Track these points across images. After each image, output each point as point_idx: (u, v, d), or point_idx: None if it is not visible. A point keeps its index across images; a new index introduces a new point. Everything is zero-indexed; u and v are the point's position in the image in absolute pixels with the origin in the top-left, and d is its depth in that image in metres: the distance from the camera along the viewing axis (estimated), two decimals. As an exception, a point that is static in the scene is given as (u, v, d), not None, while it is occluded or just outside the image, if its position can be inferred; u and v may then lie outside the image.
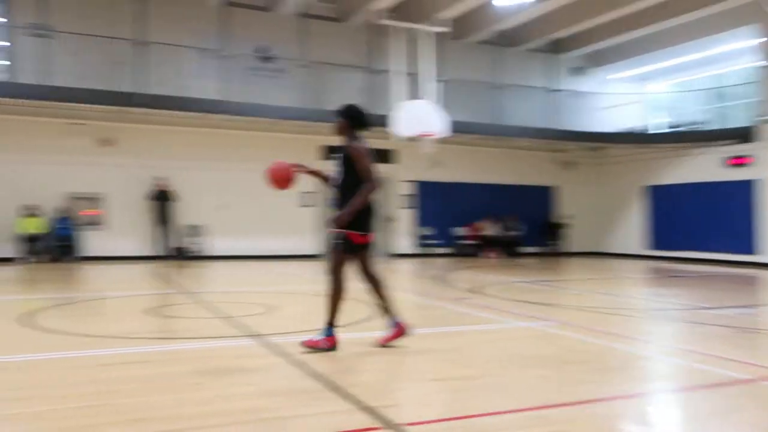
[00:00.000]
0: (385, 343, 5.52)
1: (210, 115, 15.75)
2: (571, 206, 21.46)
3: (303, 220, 18.00)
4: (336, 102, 6.13)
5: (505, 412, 3.76)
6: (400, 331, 5.53)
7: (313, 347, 5.33)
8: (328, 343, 5.36)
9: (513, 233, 20.25)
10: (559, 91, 20.75)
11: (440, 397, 4.28)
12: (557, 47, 21.14)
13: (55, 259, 15.33)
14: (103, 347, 5.61)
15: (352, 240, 5.32)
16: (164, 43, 15.30)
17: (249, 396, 4.09)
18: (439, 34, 16.60)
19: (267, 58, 17.16)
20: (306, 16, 16.49)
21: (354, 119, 5.47)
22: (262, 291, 10.18)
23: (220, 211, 16.96)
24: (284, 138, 17.46)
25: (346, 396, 4.02)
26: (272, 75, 17.16)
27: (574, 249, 21.13)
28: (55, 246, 15.39)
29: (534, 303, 8.72)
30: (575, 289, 11.64)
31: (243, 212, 17.20)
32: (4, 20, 15.41)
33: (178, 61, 16.04)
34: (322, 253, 18.26)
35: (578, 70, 21.90)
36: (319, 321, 5.57)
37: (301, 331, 6.76)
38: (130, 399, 3.98)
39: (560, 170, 21.74)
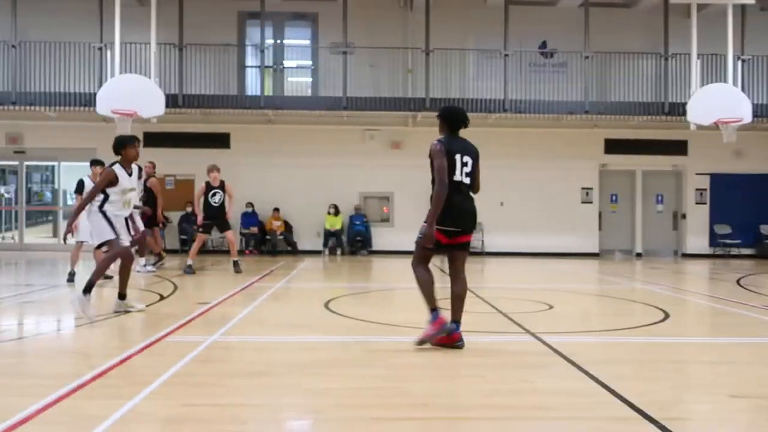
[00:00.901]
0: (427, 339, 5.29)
1: (490, 115, 16.07)
2: None
3: (583, 217, 17.43)
4: (623, 93, 5.80)
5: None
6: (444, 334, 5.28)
7: (428, 338, 5.27)
8: (436, 327, 5.25)
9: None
10: None
11: (740, 416, 3.81)
12: None
13: (351, 253, 17.05)
14: (392, 334, 6.10)
15: (438, 239, 5.30)
16: (448, 49, 16.02)
17: (530, 392, 4.10)
18: (745, 7, 14.77)
19: (549, 54, 16.93)
20: (591, 5, 15.85)
21: (446, 119, 5.54)
22: (541, 288, 10.09)
23: (498, 209, 17.22)
24: (568, 133, 17.11)
25: (630, 403, 3.80)
26: (554, 70, 16.88)
27: None
28: (351, 241, 17.11)
29: None
30: None
31: (521, 209, 17.23)
32: (308, 42, 17.58)
33: (462, 64, 16.69)
34: (604, 251, 17.51)
35: None
36: (600, 321, 5.33)
37: (581, 331, 6.56)
38: (417, 384, 4.26)
39: None
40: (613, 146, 17.51)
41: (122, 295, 7.00)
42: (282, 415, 3.73)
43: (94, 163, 10.08)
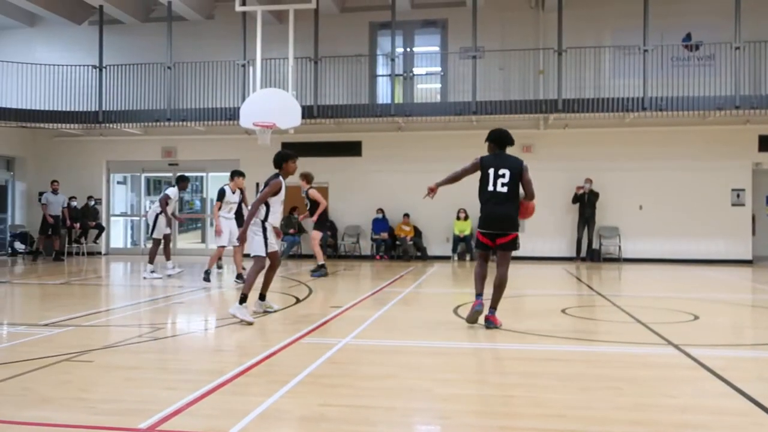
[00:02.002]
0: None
1: (628, 114, 15.31)
2: None
3: (734, 221, 16.12)
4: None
5: None
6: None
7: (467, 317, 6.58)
8: (471, 307, 6.50)
9: None
10: None
11: None
12: None
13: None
14: (523, 342, 5.96)
15: (482, 241, 6.61)
16: (582, 47, 15.47)
17: (672, 409, 3.86)
18: None
19: (694, 46, 15.86)
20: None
21: (491, 139, 7.04)
22: (686, 297, 9.45)
23: (636, 213, 16.36)
24: (716, 131, 15.95)
25: (791, 426, 3.47)
26: (700, 63, 15.78)
27: None
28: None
29: None
30: None
31: (662, 213, 16.25)
32: (437, 49, 17.66)
33: (596, 62, 16.08)
34: (759, 258, 16.09)
35: None
36: (754, 335, 4.92)
37: (731, 345, 6.11)
38: (549, 394, 4.14)
39: None
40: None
41: (263, 296, 7.41)
42: (411, 418, 3.77)
43: (237, 174, 10.79)
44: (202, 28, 17.82)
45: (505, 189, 6.39)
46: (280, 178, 7.06)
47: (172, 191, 11.72)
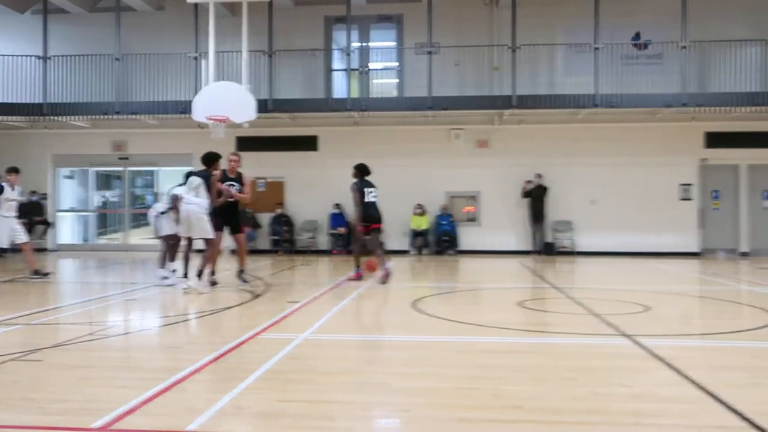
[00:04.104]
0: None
1: (580, 111, 15.61)
2: None
3: (682, 215, 16.60)
4: (724, 84, 5.47)
5: None
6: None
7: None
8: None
9: None
10: None
11: None
12: None
13: (438, 252, 16.99)
14: (481, 335, 6.02)
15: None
16: (535, 44, 15.67)
17: (626, 397, 3.95)
18: None
19: (643, 45, 16.25)
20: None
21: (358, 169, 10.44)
22: (636, 290, 9.69)
23: (589, 207, 16.70)
24: (665, 127, 16.37)
25: (738, 412, 3.58)
26: (649, 62, 16.18)
27: None
28: (438, 240, 17.04)
29: None
30: None
31: (614, 207, 16.63)
32: (393, 44, 17.67)
33: (549, 60, 16.34)
34: (706, 251, 16.62)
35: None
36: (703, 325, 5.07)
37: (681, 335, 6.29)
38: (508, 386, 4.18)
39: None
40: (714, 140, 16.57)
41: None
42: (371, 412, 3.76)
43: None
44: (152, 19, 17.37)
45: (374, 199, 10.25)
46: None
47: (182, 190, 10.67)
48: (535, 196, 16.50)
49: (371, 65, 17.22)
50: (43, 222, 17.43)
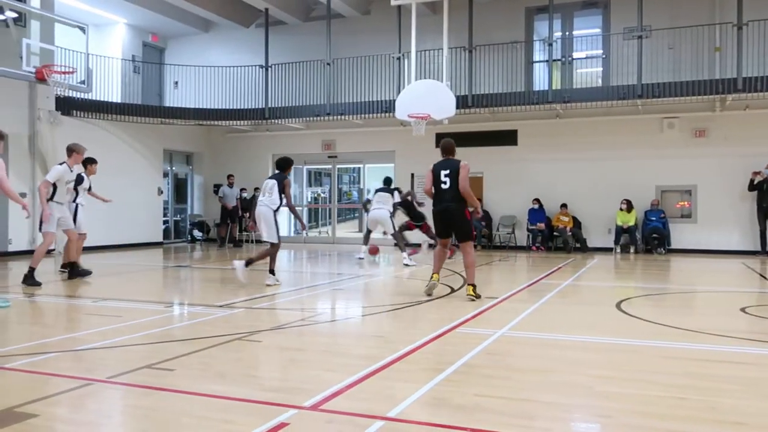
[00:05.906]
0: None
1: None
2: None
3: None
4: None
5: None
6: None
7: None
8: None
9: None
10: None
11: None
12: None
13: (646, 251, 15.88)
14: (693, 341, 5.53)
15: None
16: (765, 19, 13.98)
17: None
18: None
19: None
20: None
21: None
22: None
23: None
24: None
25: None
26: None
27: None
28: (646, 238, 15.92)
29: None
30: None
31: None
32: (598, 31, 16.79)
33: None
34: None
35: None
36: None
37: None
38: (725, 399, 3.81)
39: None
40: None
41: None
42: (571, 414, 3.64)
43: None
44: (359, 23, 18.35)
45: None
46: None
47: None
48: (765, 189, 14.73)
49: (574, 54, 16.57)
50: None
